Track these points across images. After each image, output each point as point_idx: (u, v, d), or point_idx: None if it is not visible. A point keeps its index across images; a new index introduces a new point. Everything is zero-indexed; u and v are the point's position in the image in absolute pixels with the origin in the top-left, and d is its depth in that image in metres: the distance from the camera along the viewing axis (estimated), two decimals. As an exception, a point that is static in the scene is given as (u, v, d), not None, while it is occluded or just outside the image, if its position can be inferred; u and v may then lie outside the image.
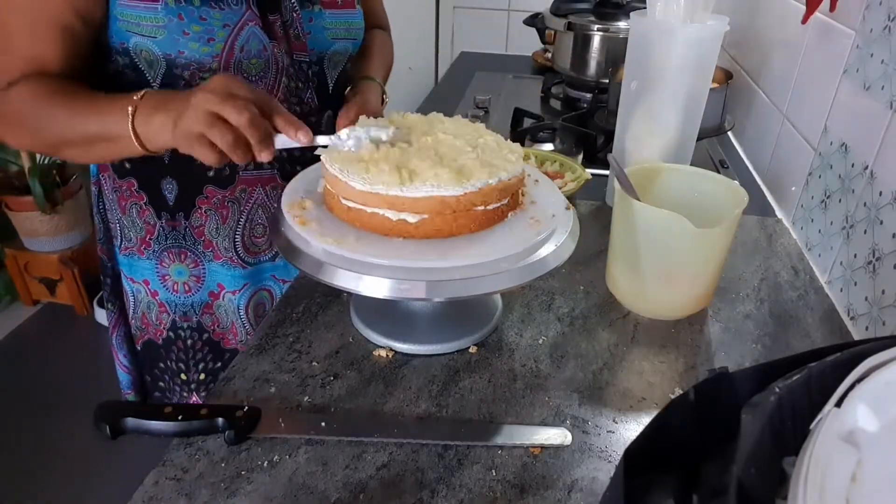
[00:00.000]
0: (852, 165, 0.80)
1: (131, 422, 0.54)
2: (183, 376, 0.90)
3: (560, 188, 0.97)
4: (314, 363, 0.65)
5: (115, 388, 0.97)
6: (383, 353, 0.67)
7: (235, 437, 0.54)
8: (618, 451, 0.56)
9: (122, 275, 0.88)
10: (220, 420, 0.54)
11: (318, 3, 0.79)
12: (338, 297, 0.75)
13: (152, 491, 0.51)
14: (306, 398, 0.61)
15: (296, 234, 0.61)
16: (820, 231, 0.87)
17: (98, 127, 0.66)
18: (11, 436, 1.82)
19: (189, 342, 0.88)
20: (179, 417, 0.54)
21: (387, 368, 0.65)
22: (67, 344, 2.23)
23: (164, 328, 0.88)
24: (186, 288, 0.86)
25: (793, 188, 0.98)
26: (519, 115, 1.34)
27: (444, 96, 1.55)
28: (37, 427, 1.86)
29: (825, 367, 0.29)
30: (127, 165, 0.80)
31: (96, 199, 0.87)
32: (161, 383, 0.92)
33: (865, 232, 0.75)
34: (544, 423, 0.58)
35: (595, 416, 0.60)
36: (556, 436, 0.56)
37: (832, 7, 0.87)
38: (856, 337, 0.73)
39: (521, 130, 1.25)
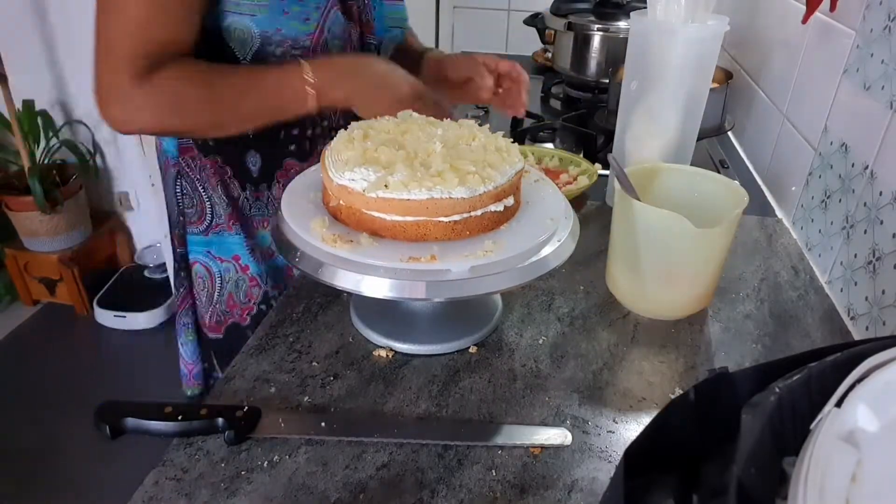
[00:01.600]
0: (852, 165, 0.80)
1: (131, 422, 0.54)
2: None
3: (567, 184, 0.98)
4: (314, 363, 0.65)
5: (115, 389, 0.97)
6: (383, 353, 0.67)
7: (235, 437, 0.54)
8: (618, 451, 0.56)
9: (209, 256, 0.89)
10: (220, 420, 0.54)
11: None
12: (338, 297, 0.75)
13: (152, 491, 0.51)
14: (306, 398, 0.61)
15: (296, 233, 0.61)
16: (820, 231, 0.87)
17: (272, 106, 0.74)
18: (11, 436, 1.82)
19: None
20: (179, 417, 0.54)
21: (387, 368, 0.65)
22: (67, 344, 2.23)
23: (254, 303, 0.91)
24: (271, 251, 0.90)
25: (793, 188, 0.98)
26: (519, 115, 1.34)
27: (444, 96, 1.55)
28: (37, 427, 1.86)
29: (825, 367, 0.29)
30: (211, 143, 0.83)
31: (173, 185, 0.88)
32: None
33: (865, 232, 0.75)
34: (544, 423, 0.58)
35: (595, 416, 0.60)
36: (556, 436, 0.56)
37: (832, 7, 0.87)
38: (856, 337, 0.73)
39: (521, 130, 1.25)
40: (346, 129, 0.66)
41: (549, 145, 1.22)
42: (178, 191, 0.88)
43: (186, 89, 0.70)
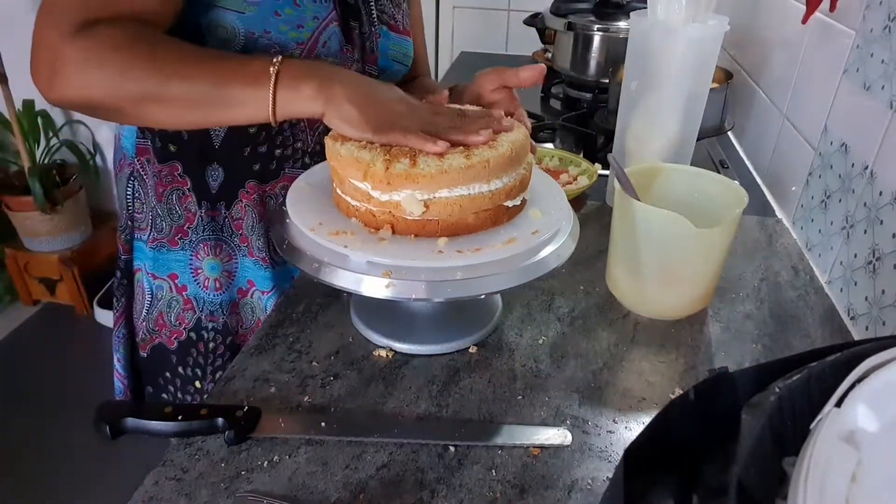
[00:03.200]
0: (852, 165, 0.80)
1: (131, 422, 0.54)
2: (197, 384, 0.87)
3: (567, 184, 0.98)
4: (314, 363, 0.65)
5: (115, 389, 0.96)
6: (383, 353, 0.66)
7: (235, 437, 0.54)
8: (618, 451, 0.56)
9: (143, 271, 0.84)
10: (220, 420, 0.54)
11: (385, 24, 0.82)
12: (338, 297, 0.75)
13: (152, 491, 0.51)
14: (306, 398, 0.61)
15: (298, 233, 0.61)
16: (820, 231, 0.87)
17: (221, 88, 0.59)
18: (11, 436, 1.82)
19: (210, 345, 0.85)
20: (179, 417, 0.54)
21: (387, 368, 0.65)
22: (67, 344, 2.23)
23: (184, 328, 0.84)
24: (217, 285, 0.83)
25: (793, 188, 0.98)
26: (519, 115, 1.34)
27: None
28: (37, 427, 1.86)
29: (825, 367, 0.29)
30: (172, 148, 0.77)
31: (125, 186, 0.82)
32: (165, 395, 0.88)
33: (865, 232, 0.75)
34: (544, 423, 0.58)
35: (595, 416, 0.60)
36: (556, 436, 0.56)
37: (832, 7, 0.87)
38: (856, 337, 0.73)
39: (521, 130, 1.25)
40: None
41: (549, 145, 1.22)
42: (129, 193, 0.82)
43: (124, 44, 0.58)
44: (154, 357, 0.87)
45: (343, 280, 0.56)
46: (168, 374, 0.87)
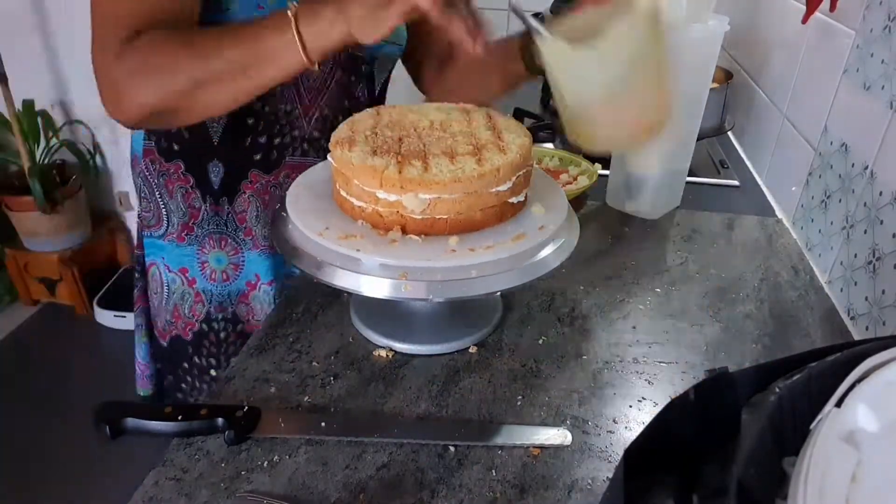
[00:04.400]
0: (852, 165, 0.80)
1: (131, 422, 0.54)
2: (213, 372, 0.90)
3: (567, 184, 0.98)
4: (314, 363, 0.65)
5: (115, 388, 0.96)
6: (383, 353, 0.66)
7: (235, 437, 0.54)
8: (618, 451, 0.56)
9: (158, 265, 0.86)
10: (220, 420, 0.54)
11: None
12: (338, 297, 0.75)
13: (152, 491, 0.51)
14: (306, 398, 0.61)
15: (298, 233, 0.61)
16: (820, 231, 0.87)
17: (252, 47, 0.62)
18: (11, 436, 1.82)
19: (222, 335, 0.88)
20: (179, 417, 0.54)
21: (387, 368, 0.65)
22: (67, 344, 2.23)
23: (197, 320, 0.87)
24: (224, 276, 0.85)
25: (793, 188, 0.98)
26: (519, 115, 1.34)
27: (444, 96, 1.55)
28: (37, 427, 1.86)
29: (825, 367, 0.29)
30: (175, 147, 0.80)
31: (140, 187, 0.85)
32: (184, 384, 0.91)
33: (865, 232, 0.75)
34: (544, 423, 0.58)
35: (595, 416, 0.60)
36: (556, 436, 0.56)
37: (832, 7, 0.87)
38: (856, 337, 0.73)
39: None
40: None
41: (549, 145, 1.22)
42: (140, 192, 0.86)
43: (160, 45, 0.63)
44: (173, 347, 0.90)
45: (358, 284, 0.56)
46: (186, 365, 0.90)
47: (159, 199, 0.83)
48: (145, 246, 0.87)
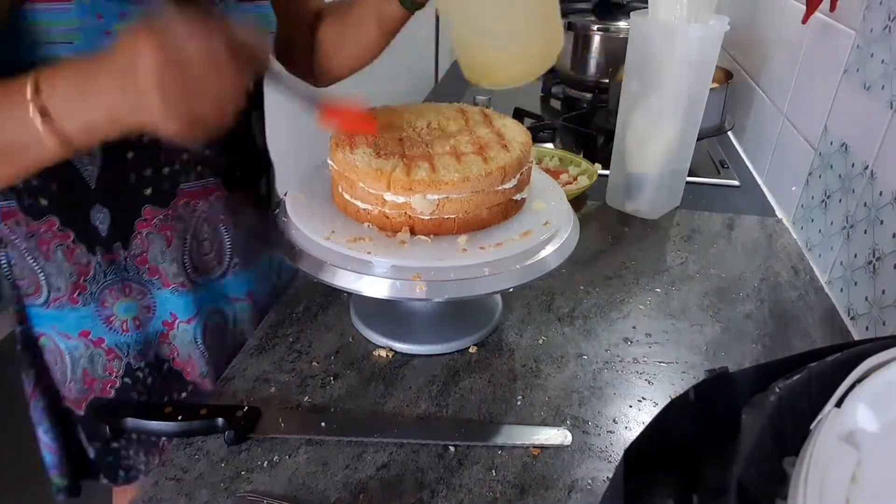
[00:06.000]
0: (852, 165, 0.80)
1: (131, 422, 0.54)
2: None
3: (567, 184, 0.98)
4: (314, 363, 0.65)
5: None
6: (383, 353, 0.67)
7: (235, 437, 0.54)
8: (618, 451, 0.56)
9: (50, 336, 0.75)
10: (220, 420, 0.54)
11: None
12: (338, 297, 0.75)
13: (152, 491, 0.51)
14: (306, 398, 0.61)
15: (298, 234, 0.61)
16: (820, 231, 0.87)
17: None
18: (11, 436, 1.82)
19: (149, 381, 0.77)
20: (179, 417, 0.54)
21: (387, 368, 0.65)
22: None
23: (116, 376, 0.76)
24: (137, 324, 0.74)
25: (793, 188, 0.98)
26: (519, 114, 1.34)
27: (444, 96, 1.55)
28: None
29: (825, 367, 0.29)
30: (43, 202, 0.67)
31: (5, 256, 0.72)
32: (115, 444, 0.79)
33: (866, 232, 0.75)
34: (544, 423, 0.58)
35: (595, 416, 0.60)
36: (556, 436, 0.56)
37: (832, 7, 0.87)
38: (856, 337, 0.73)
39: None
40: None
41: (549, 145, 1.22)
42: (3, 262, 0.73)
43: None
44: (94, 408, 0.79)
45: (343, 280, 0.56)
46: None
47: (33, 265, 0.71)
48: (30, 317, 0.75)
